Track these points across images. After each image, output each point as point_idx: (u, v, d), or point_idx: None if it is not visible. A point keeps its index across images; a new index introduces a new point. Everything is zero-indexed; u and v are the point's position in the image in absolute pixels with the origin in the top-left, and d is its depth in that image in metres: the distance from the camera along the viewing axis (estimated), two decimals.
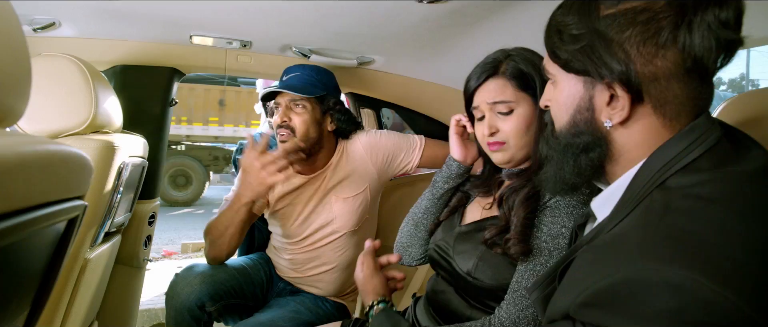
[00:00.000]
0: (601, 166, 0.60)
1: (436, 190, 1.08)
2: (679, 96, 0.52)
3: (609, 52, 0.53)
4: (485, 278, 0.87)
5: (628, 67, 0.52)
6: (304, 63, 1.47)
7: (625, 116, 0.55)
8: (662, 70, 0.52)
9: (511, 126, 0.89)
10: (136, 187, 1.39)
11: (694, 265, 0.41)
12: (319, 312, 1.46)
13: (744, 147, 0.54)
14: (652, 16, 0.51)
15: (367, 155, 1.48)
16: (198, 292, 1.28)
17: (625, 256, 0.46)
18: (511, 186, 0.90)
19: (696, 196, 0.47)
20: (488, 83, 0.91)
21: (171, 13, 1.26)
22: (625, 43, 0.52)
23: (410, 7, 1.14)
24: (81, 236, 1.02)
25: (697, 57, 0.50)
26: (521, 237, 0.83)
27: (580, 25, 0.55)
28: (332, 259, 1.49)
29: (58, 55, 1.05)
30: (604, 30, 0.53)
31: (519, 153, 0.90)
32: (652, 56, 0.51)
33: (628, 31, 0.52)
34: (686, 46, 0.50)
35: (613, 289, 0.45)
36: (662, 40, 0.50)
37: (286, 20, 1.29)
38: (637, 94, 0.53)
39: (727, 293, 0.40)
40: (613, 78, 0.53)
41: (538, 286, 0.65)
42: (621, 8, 0.53)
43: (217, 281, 1.32)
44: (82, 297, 1.10)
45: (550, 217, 0.84)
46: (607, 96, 0.55)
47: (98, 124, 1.11)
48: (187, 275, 1.32)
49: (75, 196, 0.52)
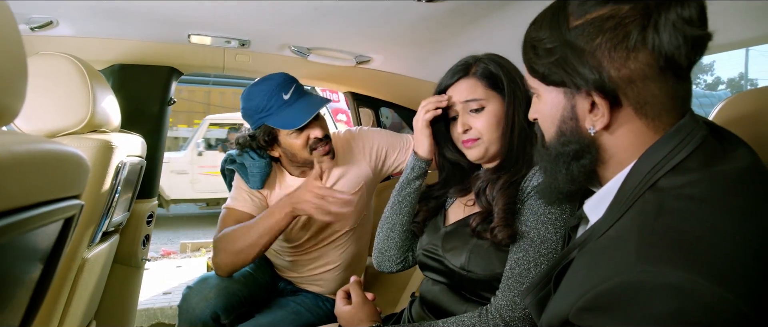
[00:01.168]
0: (593, 170, 0.62)
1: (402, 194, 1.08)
2: (658, 95, 0.53)
3: (581, 61, 0.55)
4: (478, 270, 0.90)
5: (601, 74, 0.53)
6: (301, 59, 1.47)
7: (607, 121, 0.56)
8: (636, 73, 0.52)
9: (483, 122, 0.94)
10: (134, 186, 1.39)
11: (692, 266, 0.42)
12: (319, 312, 1.46)
13: (731, 145, 0.55)
14: (619, 21, 0.52)
15: (361, 154, 1.48)
16: (213, 306, 1.26)
17: (623, 259, 0.47)
18: (486, 178, 0.95)
19: (687, 196, 0.48)
20: (460, 83, 0.97)
21: (169, 12, 1.26)
22: (597, 50, 0.53)
23: (408, 6, 1.14)
24: (78, 236, 1.01)
25: (668, 55, 0.51)
26: (505, 222, 0.86)
27: (552, 38, 0.57)
28: (334, 258, 1.50)
29: (55, 54, 1.04)
30: (574, 41, 0.55)
31: (492, 147, 0.95)
32: (624, 60, 0.52)
33: (598, 38, 0.53)
34: (656, 46, 0.51)
35: (613, 293, 0.45)
36: (632, 43, 0.52)
37: (283, 19, 1.29)
38: (615, 99, 0.54)
39: (725, 293, 0.40)
40: (588, 86, 0.55)
41: (531, 291, 0.65)
42: (588, 18, 0.54)
43: (230, 293, 1.30)
44: (80, 296, 1.10)
45: (533, 201, 0.87)
46: (588, 104, 0.57)
47: (96, 123, 1.10)
48: (201, 288, 1.30)
49: (71, 195, 0.52)
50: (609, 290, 0.46)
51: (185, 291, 1.31)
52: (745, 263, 0.42)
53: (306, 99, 1.32)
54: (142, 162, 1.36)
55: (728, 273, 0.41)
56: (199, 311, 1.26)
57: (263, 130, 1.32)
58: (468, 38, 1.34)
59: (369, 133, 1.52)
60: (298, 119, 1.27)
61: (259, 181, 1.38)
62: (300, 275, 1.51)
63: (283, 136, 1.33)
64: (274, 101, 1.28)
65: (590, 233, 0.57)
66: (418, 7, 1.15)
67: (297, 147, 1.33)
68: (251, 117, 1.33)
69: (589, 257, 0.54)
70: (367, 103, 1.84)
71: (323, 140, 1.33)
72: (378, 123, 1.89)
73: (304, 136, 1.32)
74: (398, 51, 1.50)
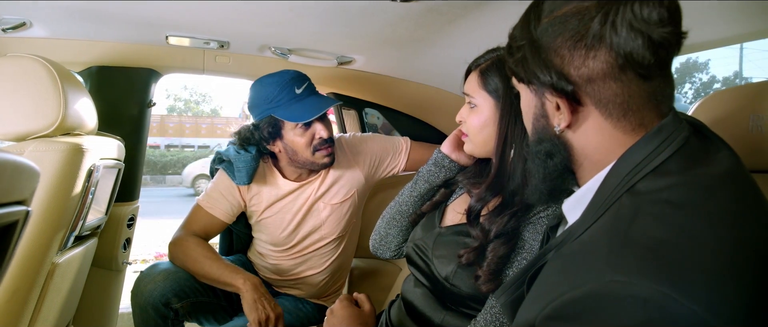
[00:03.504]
0: (569, 170, 0.61)
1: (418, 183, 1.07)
2: (620, 94, 0.52)
3: (538, 60, 0.54)
4: (463, 286, 0.87)
5: (559, 73, 0.53)
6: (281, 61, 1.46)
7: (569, 120, 0.55)
8: (596, 71, 0.51)
9: (471, 120, 0.93)
10: (111, 189, 1.37)
11: (662, 277, 0.40)
12: (299, 314, 1.45)
13: (714, 147, 0.53)
14: (581, 18, 0.51)
15: (355, 160, 1.46)
16: (161, 289, 1.25)
17: (593, 266, 0.45)
18: (480, 196, 0.89)
19: (665, 201, 0.46)
20: (472, 73, 0.95)
21: (144, 13, 1.25)
22: (559, 48, 0.53)
23: (384, 6, 1.13)
24: (47, 240, 1.00)
25: (626, 54, 0.49)
26: (492, 276, 0.82)
27: (521, 36, 0.57)
28: (318, 264, 1.48)
29: (24, 55, 1.03)
30: (539, 39, 0.54)
31: (476, 149, 0.94)
32: (583, 58, 0.51)
33: (561, 36, 0.52)
34: (614, 45, 0.49)
35: (580, 302, 0.44)
36: (590, 41, 0.51)
37: (261, 20, 1.28)
38: (573, 97, 0.53)
39: (695, 307, 0.39)
40: (546, 85, 0.55)
41: (505, 291, 0.64)
42: (555, 15, 0.53)
43: (181, 278, 1.29)
44: (52, 301, 1.08)
45: (531, 233, 0.84)
46: (554, 102, 0.56)
47: (68, 126, 1.09)
48: (150, 272, 1.30)
49: (14, 201, 0.51)
50: (576, 299, 0.45)
51: (137, 276, 1.31)
52: (719, 275, 0.40)
53: (317, 97, 1.32)
54: (118, 165, 1.35)
55: (699, 284, 0.40)
56: (147, 294, 1.25)
57: (268, 121, 1.29)
58: (448, 38, 1.33)
59: (364, 140, 1.50)
60: (307, 113, 1.26)
61: (246, 176, 1.34)
62: (281, 278, 1.49)
63: (287, 132, 1.30)
64: (286, 93, 1.27)
65: (567, 235, 0.56)
66: (395, 7, 1.14)
67: (300, 145, 1.30)
68: (259, 106, 1.30)
69: (561, 262, 0.52)
70: (351, 104, 1.83)
71: (327, 142, 1.32)
72: (362, 124, 1.88)
73: (310, 134, 1.30)
74: (380, 51, 1.49)
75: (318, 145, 1.31)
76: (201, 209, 1.37)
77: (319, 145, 1.31)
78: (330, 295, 1.58)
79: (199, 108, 19.63)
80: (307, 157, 1.32)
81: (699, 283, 0.40)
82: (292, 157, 1.34)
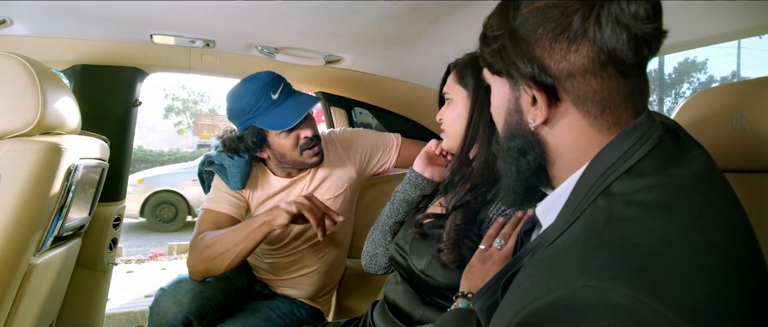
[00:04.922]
0: (542, 169, 0.59)
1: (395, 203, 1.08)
2: (599, 91, 0.50)
3: (518, 51, 0.52)
4: (437, 276, 0.88)
5: (540, 65, 0.51)
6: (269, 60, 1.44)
7: (545, 116, 0.53)
8: (576, 66, 0.50)
9: (448, 114, 0.97)
10: (93, 189, 1.35)
11: (635, 282, 0.39)
12: (293, 319, 1.43)
13: (686, 146, 0.52)
14: (563, 11, 0.49)
15: (346, 155, 1.46)
16: (186, 311, 1.21)
17: (566, 272, 0.44)
18: (457, 169, 0.95)
19: (639, 203, 0.45)
20: (451, 73, 1.00)
21: (128, 11, 1.23)
22: (538, 40, 0.51)
23: (369, 4, 1.13)
24: (23, 241, 0.98)
25: (609, 50, 0.48)
26: (450, 243, 0.83)
27: (499, 25, 0.55)
28: (312, 261, 1.48)
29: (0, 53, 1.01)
30: (518, 29, 0.52)
31: (453, 142, 0.97)
32: (564, 52, 0.50)
33: (541, 28, 0.51)
34: (597, 40, 0.48)
35: (550, 309, 0.42)
36: (572, 35, 0.49)
37: (245, 19, 1.26)
38: (553, 93, 0.52)
39: (668, 312, 0.37)
40: (525, 78, 0.52)
41: (480, 296, 0.63)
42: (535, 6, 0.52)
43: (206, 298, 1.25)
44: (29, 302, 1.07)
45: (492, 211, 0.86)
46: (530, 96, 0.54)
47: (47, 125, 1.07)
48: (176, 291, 1.24)
49: None
50: (547, 306, 0.43)
51: (158, 292, 1.26)
52: (691, 278, 0.39)
53: (295, 98, 1.29)
54: (102, 164, 1.33)
55: (673, 289, 0.38)
56: (171, 316, 1.21)
57: (251, 131, 1.27)
58: (435, 37, 1.32)
59: (355, 135, 1.50)
60: (289, 119, 1.24)
61: (240, 182, 1.34)
62: (278, 278, 1.49)
63: (272, 137, 1.29)
64: (263, 101, 1.25)
65: (541, 240, 0.54)
66: (380, 5, 1.13)
67: (287, 147, 1.29)
68: (238, 118, 1.28)
69: (534, 267, 0.50)
70: (340, 103, 1.82)
71: (313, 140, 1.30)
72: (350, 123, 1.86)
73: (294, 137, 1.28)
74: (368, 50, 1.48)
75: (304, 145, 1.30)
76: (207, 211, 1.35)
77: (305, 144, 1.30)
78: (324, 295, 1.58)
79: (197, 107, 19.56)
80: (295, 158, 1.32)
81: (673, 288, 0.38)
82: (281, 160, 1.34)
